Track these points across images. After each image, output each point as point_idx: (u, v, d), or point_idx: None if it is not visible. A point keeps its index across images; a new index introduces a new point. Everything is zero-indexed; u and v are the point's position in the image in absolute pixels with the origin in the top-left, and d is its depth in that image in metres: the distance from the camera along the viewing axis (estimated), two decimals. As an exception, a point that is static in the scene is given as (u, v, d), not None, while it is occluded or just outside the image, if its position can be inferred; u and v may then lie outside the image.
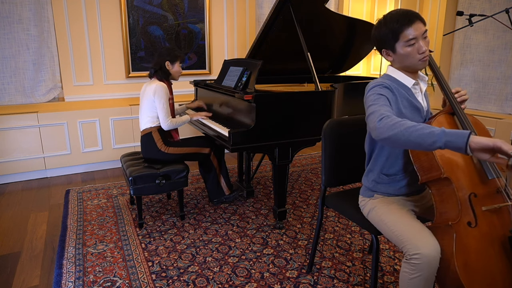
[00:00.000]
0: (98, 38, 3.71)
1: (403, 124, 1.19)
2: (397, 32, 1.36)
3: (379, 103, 1.34)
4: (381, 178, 1.56)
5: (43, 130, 3.39)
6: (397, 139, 1.20)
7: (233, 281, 1.94)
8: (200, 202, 2.94)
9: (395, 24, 1.36)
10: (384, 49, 1.45)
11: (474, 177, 1.34)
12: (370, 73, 5.34)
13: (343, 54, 3.37)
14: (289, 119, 2.34)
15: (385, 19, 1.40)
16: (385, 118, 1.24)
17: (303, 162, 4.00)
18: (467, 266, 1.25)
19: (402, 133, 1.18)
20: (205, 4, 4.09)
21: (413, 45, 1.36)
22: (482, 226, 1.29)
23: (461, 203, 1.31)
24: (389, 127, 1.21)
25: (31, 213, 2.78)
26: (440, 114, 1.44)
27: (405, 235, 1.36)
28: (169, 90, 2.61)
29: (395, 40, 1.38)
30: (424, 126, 1.16)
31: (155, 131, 2.58)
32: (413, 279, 1.30)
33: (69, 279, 1.95)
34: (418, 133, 1.15)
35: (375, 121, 1.27)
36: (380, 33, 1.41)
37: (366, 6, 5.14)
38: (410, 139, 1.17)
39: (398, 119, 1.22)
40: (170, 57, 2.59)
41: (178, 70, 2.66)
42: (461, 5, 4.04)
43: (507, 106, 3.74)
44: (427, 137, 1.13)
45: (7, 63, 3.40)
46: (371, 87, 1.42)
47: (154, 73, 2.60)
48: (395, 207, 1.50)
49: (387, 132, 1.21)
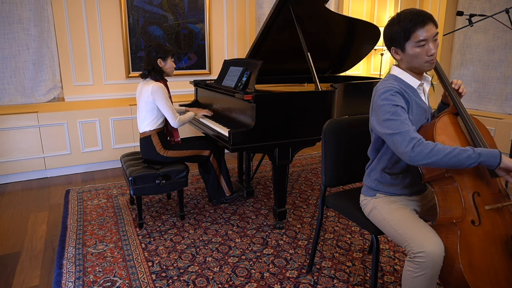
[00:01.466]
0: (98, 38, 3.71)
1: (439, 150, 1.27)
2: (409, 32, 1.36)
3: (399, 118, 1.35)
4: (384, 177, 1.56)
5: (43, 130, 3.39)
6: (436, 165, 1.29)
7: (233, 281, 1.94)
8: (200, 202, 2.94)
9: (408, 23, 1.35)
10: (394, 47, 1.44)
11: (477, 176, 1.35)
12: (370, 73, 5.34)
13: (343, 54, 3.37)
14: (289, 119, 2.34)
15: (399, 17, 1.39)
16: (417, 145, 1.29)
17: (303, 162, 4.00)
18: (472, 264, 1.25)
19: (442, 160, 1.26)
20: (205, 4, 4.09)
21: (422, 46, 1.36)
22: (485, 225, 1.30)
23: (465, 201, 1.31)
24: (425, 155, 1.28)
25: (31, 213, 2.78)
26: (444, 114, 1.45)
27: (408, 234, 1.36)
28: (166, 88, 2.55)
29: (406, 39, 1.37)
30: (459, 150, 1.25)
31: (154, 134, 2.55)
32: (417, 278, 1.30)
33: (69, 279, 1.95)
34: (457, 159, 1.25)
35: (406, 147, 1.31)
36: (392, 31, 1.41)
37: (366, 6, 5.14)
38: (449, 164, 1.27)
39: (430, 145, 1.28)
40: (161, 54, 2.49)
41: (171, 66, 2.56)
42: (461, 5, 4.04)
43: (507, 106, 3.74)
44: (466, 161, 1.25)
45: (7, 63, 3.40)
46: (383, 93, 1.40)
47: (147, 73, 2.51)
48: (398, 206, 1.50)
49: (424, 160, 1.28)
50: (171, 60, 2.56)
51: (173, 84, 3.96)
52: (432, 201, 1.60)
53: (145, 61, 2.52)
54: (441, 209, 1.38)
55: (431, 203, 1.60)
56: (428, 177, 1.40)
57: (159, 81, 2.52)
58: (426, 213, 1.60)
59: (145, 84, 2.52)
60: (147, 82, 2.53)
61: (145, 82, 2.55)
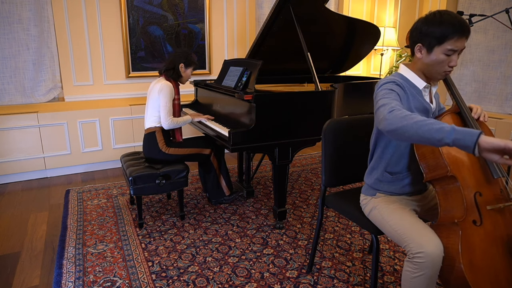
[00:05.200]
0: (98, 38, 3.71)
1: (413, 117, 1.17)
2: (446, 37, 1.32)
3: (390, 97, 1.33)
4: (384, 177, 1.55)
5: (43, 130, 3.39)
6: (405, 131, 1.17)
7: (233, 281, 1.94)
8: (200, 202, 2.94)
9: (449, 29, 1.31)
10: (421, 44, 1.40)
11: (479, 176, 1.35)
12: (370, 73, 5.34)
13: (343, 54, 3.37)
14: (289, 119, 2.34)
15: (441, 18, 1.33)
16: (395, 110, 1.23)
17: (303, 162, 4.00)
18: (473, 264, 1.25)
19: (411, 126, 1.15)
20: (205, 4, 4.09)
21: (449, 56, 1.35)
22: (486, 225, 1.30)
23: (466, 201, 1.31)
24: (398, 119, 1.19)
25: (31, 213, 2.78)
26: (446, 114, 1.45)
27: (408, 234, 1.36)
28: (175, 90, 2.61)
29: (440, 43, 1.34)
30: (434, 121, 1.13)
31: (158, 131, 2.58)
32: (416, 278, 1.30)
33: (69, 279, 1.95)
34: (427, 128, 1.12)
35: (385, 112, 1.25)
36: (429, 29, 1.35)
37: (366, 6, 5.14)
38: (418, 133, 1.14)
39: (408, 113, 1.20)
40: (187, 60, 2.62)
41: (189, 75, 2.69)
42: (461, 5, 4.04)
43: (507, 106, 3.74)
44: (436, 133, 1.10)
45: (7, 63, 3.40)
46: (383, 83, 1.41)
47: (164, 71, 2.61)
48: (398, 206, 1.50)
49: (396, 123, 1.19)
50: (191, 70, 2.69)
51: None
52: (432, 202, 1.60)
53: (169, 60, 2.64)
54: (442, 209, 1.38)
55: (431, 204, 1.60)
56: (430, 176, 1.39)
57: (170, 81, 2.59)
58: (426, 214, 1.60)
59: (157, 82, 2.61)
60: (159, 80, 2.61)
61: (158, 80, 2.63)
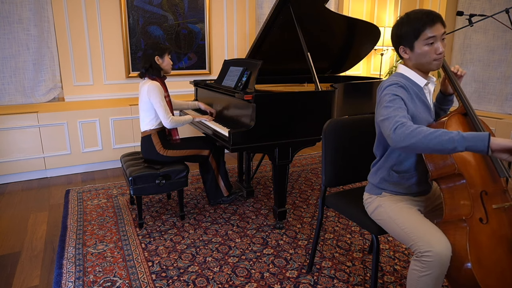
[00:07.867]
0: (98, 38, 3.71)
1: (420, 131, 1.21)
2: (418, 31, 1.38)
3: (394, 106, 1.34)
4: (391, 176, 1.55)
5: (43, 130, 3.39)
6: (416, 148, 1.23)
7: (233, 281, 1.94)
8: (200, 202, 2.94)
9: (418, 23, 1.38)
10: (402, 46, 1.46)
11: (485, 175, 1.36)
12: (370, 73, 5.34)
13: (343, 54, 3.37)
14: (289, 119, 2.34)
15: (408, 17, 1.42)
16: (399, 127, 1.26)
17: (303, 162, 4.00)
18: (480, 261, 1.25)
19: (421, 141, 1.20)
20: (205, 4, 4.09)
21: (431, 45, 1.39)
22: (492, 223, 1.31)
23: (473, 199, 1.32)
24: (405, 136, 1.23)
25: (31, 213, 2.78)
26: (453, 114, 1.45)
27: (416, 233, 1.36)
28: (164, 88, 2.55)
29: (416, 38, 1.40)
30: (442, 132, 1.18)
31: (154, 133, 2.56)
32: (423, 277, 1.29)
33: (69, 279, 1.95)
34: (437, 140, 1.17)
35: (390, 129, 1.28)
36: (401, 30, 1.43)
37: (366, 6, 5.14)
38: (429, 147, 1.20)
39: (413, 127, 1.24)
40: (158, 51, 2.52)
41: (169, 63, 2.59)
42: (461, 5, 4.04)
43: (507, 106, 3.74)
44: (447, 143, 1.16)
45: (7, 63, 3.40)
46: (386, 86, 1.42)
47: (145, 72, 2.54)
48: (404, 205, 1.50)
49: (404, 141, 1.24)
50: (168, 57, 2.58)
51: (173, 84, 3.96)
52: (436, 201, 1.60)
53: (143, 60, 2.55)
54: (447, 207, 1.37)
55: (435, 203, 1.60)
56: (436, 174, 1.39)
57: (155, 79, 2.53)
58: (429, 214, 1.59)
59: (143, 84, 2.55)
60: (145, 82, 2.55)
61: (144, 81, 2.57)
